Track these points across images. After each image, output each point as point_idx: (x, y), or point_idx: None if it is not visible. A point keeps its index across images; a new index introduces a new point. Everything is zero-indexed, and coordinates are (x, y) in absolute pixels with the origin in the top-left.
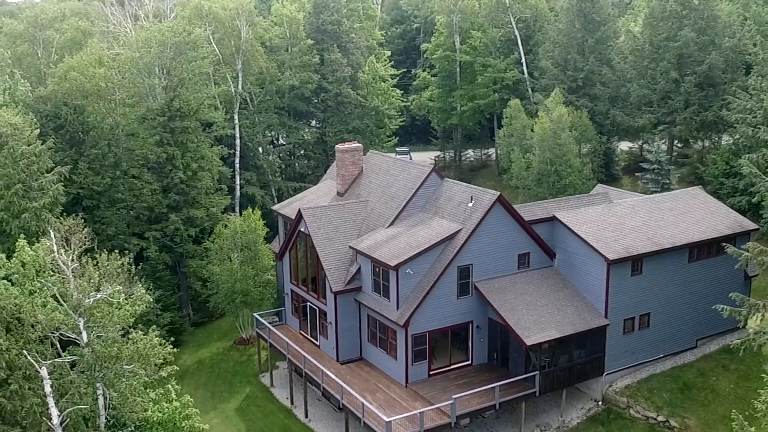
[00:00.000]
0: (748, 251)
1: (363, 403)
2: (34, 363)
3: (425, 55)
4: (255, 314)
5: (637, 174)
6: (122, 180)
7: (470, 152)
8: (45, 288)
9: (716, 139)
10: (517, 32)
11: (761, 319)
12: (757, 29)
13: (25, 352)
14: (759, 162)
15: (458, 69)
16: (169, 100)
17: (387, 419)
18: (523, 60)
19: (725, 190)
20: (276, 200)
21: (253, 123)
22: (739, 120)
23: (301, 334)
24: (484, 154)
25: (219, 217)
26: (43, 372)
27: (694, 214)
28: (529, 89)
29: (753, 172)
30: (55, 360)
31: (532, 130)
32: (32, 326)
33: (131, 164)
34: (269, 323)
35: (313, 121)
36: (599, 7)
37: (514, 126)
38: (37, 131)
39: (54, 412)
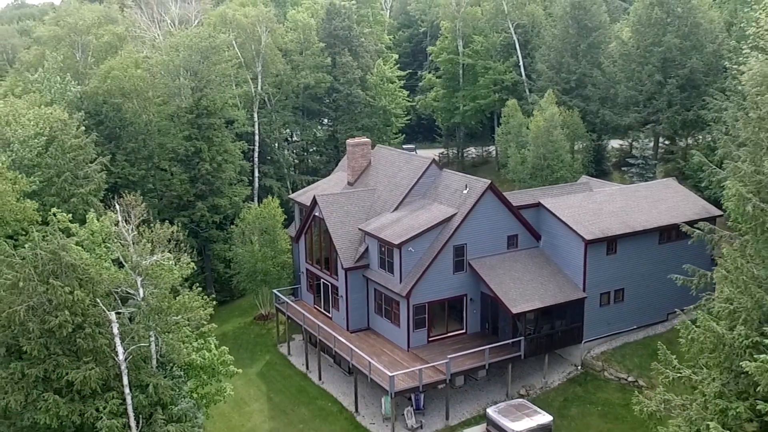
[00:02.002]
0: (701, 229)
1: (370, 362)
2: (105, 310)
3: (431, 58)
4: (274, 291)
5: (623, 168)
6: (154, 171)
7: (472, 149)
8: (110, 252)
9: (699, 137)
10: (515, 37)
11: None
12: (741, 34)
13: (98, 300)
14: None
15: (461, 71)
16: (197, 99)
17: (390, 374)
18: (521, 63)
19: (704, 183)
20: (291, 191)
21: (271, 121)
22: (715, 119)
23: (315, 308)
24: (485, 151)
25: (240, 205)
26: (112, 316)
27: (666, 202)
28: (527, 90)
29: (701, 161)
30: (119, 310)
31: (527, 128)
32: (99, 283)
33: (162, 157)
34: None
35: (325, 120)
36: (592, 14)
37: (512, 124)
38: (83, 127)
39: (120, 349)
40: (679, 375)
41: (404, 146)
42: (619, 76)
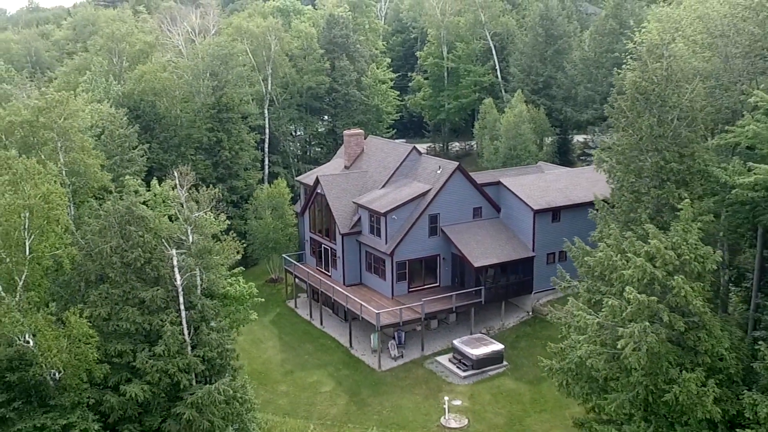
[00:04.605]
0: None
1: (361, 306)
2: (168, 248)
3: (420, 61)
4: (284, 255)
5: (581, 158)
6: (182, 158)
7: (456, 143)
8: (167, 209)
9: None
10: (492, 44)
11: None
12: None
13: (163, 240)
14: None
15: (446, 73)
16: (218, 97)
17: (377, 311)
18: (498, 67)
19: None
20: (295, 177)
21: (278, 117)
22: None
23: (317, 269)
24: (468, 144)
25: (254, 187)
26: (173, 252)
27: (603, 181)
28: (502, 90)
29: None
30: (176, 250)
31: (500, 123)
32: (161, 230)
33: (189, 146)
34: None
35: (325, 116)
36: (558, 24)
37: (487, 120)
38: (126, 119)
39: (178, 277)
40: (568, 285)
41: (396, 140)
42: (580, 78)
